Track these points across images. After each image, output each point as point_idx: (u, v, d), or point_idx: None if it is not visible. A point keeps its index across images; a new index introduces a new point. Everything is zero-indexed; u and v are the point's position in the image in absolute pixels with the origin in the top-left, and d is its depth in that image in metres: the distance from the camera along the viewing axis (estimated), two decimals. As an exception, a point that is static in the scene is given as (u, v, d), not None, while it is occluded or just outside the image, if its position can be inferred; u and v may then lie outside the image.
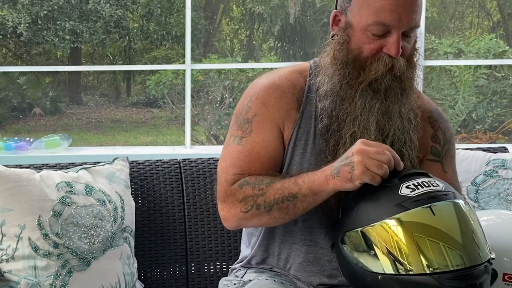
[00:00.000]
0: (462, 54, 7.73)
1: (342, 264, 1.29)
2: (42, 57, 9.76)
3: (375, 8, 1.29)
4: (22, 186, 1.49)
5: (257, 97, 1.40)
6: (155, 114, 10.00)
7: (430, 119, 1.47)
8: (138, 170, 1.78)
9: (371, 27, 1.30)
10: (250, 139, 1.38)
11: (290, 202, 1.30)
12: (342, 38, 1.35)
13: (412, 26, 1.31)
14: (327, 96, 1.36)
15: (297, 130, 1.39)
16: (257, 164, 1.37)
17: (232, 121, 1.44)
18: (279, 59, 9.74)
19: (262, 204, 1.32)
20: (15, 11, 8.59)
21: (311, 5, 9.86)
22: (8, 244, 1.46)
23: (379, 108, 1.33)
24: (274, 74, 1.44)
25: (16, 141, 4.41)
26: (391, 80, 1.32)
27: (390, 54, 1.30)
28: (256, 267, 1.49)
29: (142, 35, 9.44)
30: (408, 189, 1.20)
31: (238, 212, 1.36)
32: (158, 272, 1.73)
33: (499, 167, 1.92)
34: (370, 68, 1.31)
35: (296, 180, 1.31)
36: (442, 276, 1.13)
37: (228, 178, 1.38)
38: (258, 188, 1.33)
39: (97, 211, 1.52)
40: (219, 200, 1.41)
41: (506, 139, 7.47)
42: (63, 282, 1.44)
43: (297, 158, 1.39)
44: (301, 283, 1.43)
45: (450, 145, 1.48)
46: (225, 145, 1.43)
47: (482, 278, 1.15)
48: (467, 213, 1.20)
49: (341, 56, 1.34)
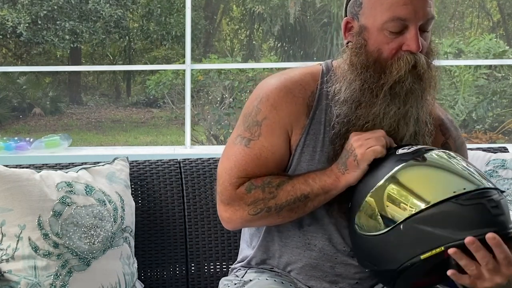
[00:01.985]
0: (462, 54, 7.73)
1: (363, 249, 1.27)
2: (42, 57, 9.77)
3: (389, 4, 1.27)
4: (22, 186, 1.49)
5: (268, 99, 1.37)
6: (155, 114, 10.01)
7: (441, 126, 1.46)
8: (138, 170, 1.78)
9: (387, 25, 1.28)
10: (259, 143, 1.36)
11: (302, 202, 1.31)
12: (359, 42, 1.32)
13: (428, 17, 1.29)
14: (345, 102, 1.33)
15: (305, 136, 1.37)
16: (263, 169, 1.36)
17: (240, 120, 1.41)
18: (279, 59, 9.74)
19: (273, 206, 1.32)
20: (15, 11, 8.59)
21: (311, 5, 9.86)
22: (8, 244, 1.46)
23: (394, 114, 1.30)
24: (285, 76, 1.40)
25: (16, 141, 4.41)
26: (413, 82, 1.29)
27: (410, 50, 1.27)
28: (257, 267, 1.48)
29: (142, 35, 9.45)
30: (405, 149, 1.27)
31: (245, 215, 1.35)
32: (158, 272, 1.73)
33: (499, 167, 1.92)
34: (391, 69, 1.28)
35: (306, 179, 1.32)
36: (459, 198, 1.13)
37: (233, 181, 1.36)
38: (268, 191, 1.32)
39: (97, 211, 1.52)
40: (221, 202, 1.39)
41: (506, 139, 7.48)
42: (63, 282, 1.44)
43: (304, 165, 1.37)
44: (302, 285, 1.42)
45: (461, 152, 1.46)
46: (230, 144, 1.41)
47: (498, 196, 1.16)
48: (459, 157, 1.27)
49: (360, 61, 1.31)
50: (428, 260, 1.14)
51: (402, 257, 1.17)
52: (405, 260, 1.16)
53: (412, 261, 1.15)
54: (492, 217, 1.12)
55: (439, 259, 1.14)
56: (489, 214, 1.13)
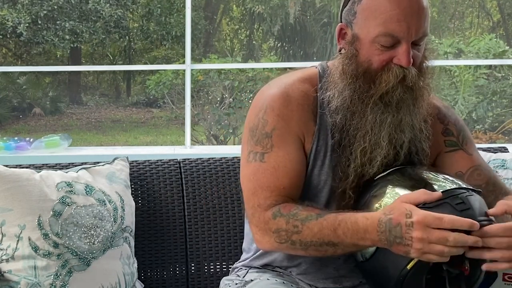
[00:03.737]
0: (462, 54, 7.73)
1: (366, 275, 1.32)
2: (42, 57, 9.77)
3: (383, 19, 1.26)
4: (22, 186, 1.49)
5: (273, 109, 1.34)
6: (155, 114, 10.01)
7: (439, 115, 1.45)
8: (138, 170, 1.78)
9: (379, 39, 1.27)
10: (273, 154, 1.33)
11: (330, 247, 1.25)
12: (350, 52, 1.32)
13: (421, 35, 1.28)
14: (337, 111, 1.33)
15: (316, 142, 1.36)
16: (285, 180, 1.32)
17: (246, 136, 1.38)
18: (279, 59, 9.75)
19: (298, 242, 1.27)
20: (15, 11, 8.59)
21: (311, 5, 9.86)
22: (8, 244, 1.46)
23: (391, 122, 1.30)
24: (285, 83, 1.38)
25: (16, 141, 4.41)
26: (403, 92, 1.29)
27: (400, 65, 1.27)
28: (258, 267, 1.48)
29: (142, 35, 9.45)
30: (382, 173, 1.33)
31: (272, 241, 1.31)
32: (158, 272, 1.73)
33: (499, 167, 1.92)
34: (381, 80, 1.28)
35: (336, 229, 1.22)
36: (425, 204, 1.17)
37: (261, 203, 1.32)
38: (292, 224, 1.26)
39: (97, 211, 1.52)
40: (252, 224, 1.36)
41: (506, 139, 7.48)
42: (63, 282, 1.44)
43: (316, 171, 1.36)
44: (304, 284, 1.42)
45: (465, 132, 1.46)
46: (245, 163, 1.37)
47: (466, 194, 1.20)
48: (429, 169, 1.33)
49: (350, 70, 1.31)
50: (416, 268, 1.16)
51: (393, 273, 1.20)
52: (396, 275, 1.19)
53: (402, 273, 1.18)
54: (459, 213, 1.14)
55: (427, 263, 1.16)
56: (455, 211, 1.15)
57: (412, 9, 1.26)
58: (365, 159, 1.32)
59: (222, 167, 1.82)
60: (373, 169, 1.32)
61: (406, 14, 1.25)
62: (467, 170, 1.41)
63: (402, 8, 1.25)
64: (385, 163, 1.32)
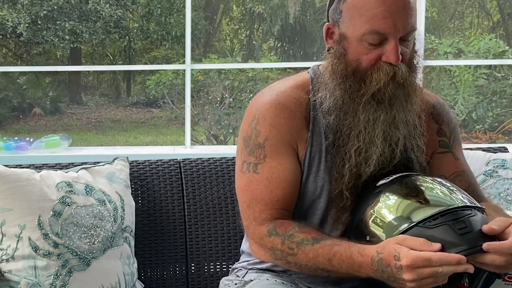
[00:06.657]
0: (462, 54, 7.73)
1: None
2: (42, 57, 9.77)
3: (368, 17, 1.25)
4: (22, 186, 1.49)
5: (265, 119, 1.34)
6: (155, 114, 10.01)
7: (433, 114, 1.45)
8: (138, 170, 1.78)
9: (366, 37, 1.26)
10: (267, 165, 1.33)
11: (325, 272, 1.27)
12: (338, 51, 1.31)
13: (408, 31, 1.27)
14: (330, 112, 1.32)
15: (310, 148, 1.36)
16: (279, 192, 1.32)
17: (240, 145, 1.39)
18: (279, 59, 9.75)
19: (293, 263, 1.29)
20: (15, 11, 8.59)
21: (311, 5, 9.86)
22: (8, 244, 1.46)
23: (385, 119, 1.30)
24: (277, 91, 1.38)
25: (16, 141, 4.41)
26: (395, 89, 1.28)
27: (390, 62, 1.27)
28: (257, 268, 1.48)
29: (142, 35, 9.45)
30: (383, 180, 1.30)
31: (268, 256, 1.33)
32: (158, 272, 1.73)
33: (499, 167, 1.92)
34: (371, 79, 1.28)
35: (331, 259, 1.23)
36: (426, 222, 1.16)
37: (256, 216, 1.33)
38: (287, 245, 1.27)
39: (97, 211, 1.52)
40: (248, 235, 1.38)
41: (506, 139, 7.48)
42: (63, 282, 1.44)
43: (312, 177, 1.36)
44: (303, 285, 1.42)
45: (456, 134, 1.47)
46: (239, 173, 1.38)
47: (469, 213, 1.17)
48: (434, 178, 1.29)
49: (339, 70, 1.30)
50: None
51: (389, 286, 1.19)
52: None
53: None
54: (458, 237, 1.13)
55: None
56: (455, 234, 1.14)
57: (397, 5, 1.25)
58: (360, 159, 1.31)
59: (222, 167, 1.82)
60: (369, 168, 1.31)
61: (392, 11, 1.25)
62: (451, 174, 1.42)
63: (388, 5, 1.25)
64: (381, 161, 1.32)
